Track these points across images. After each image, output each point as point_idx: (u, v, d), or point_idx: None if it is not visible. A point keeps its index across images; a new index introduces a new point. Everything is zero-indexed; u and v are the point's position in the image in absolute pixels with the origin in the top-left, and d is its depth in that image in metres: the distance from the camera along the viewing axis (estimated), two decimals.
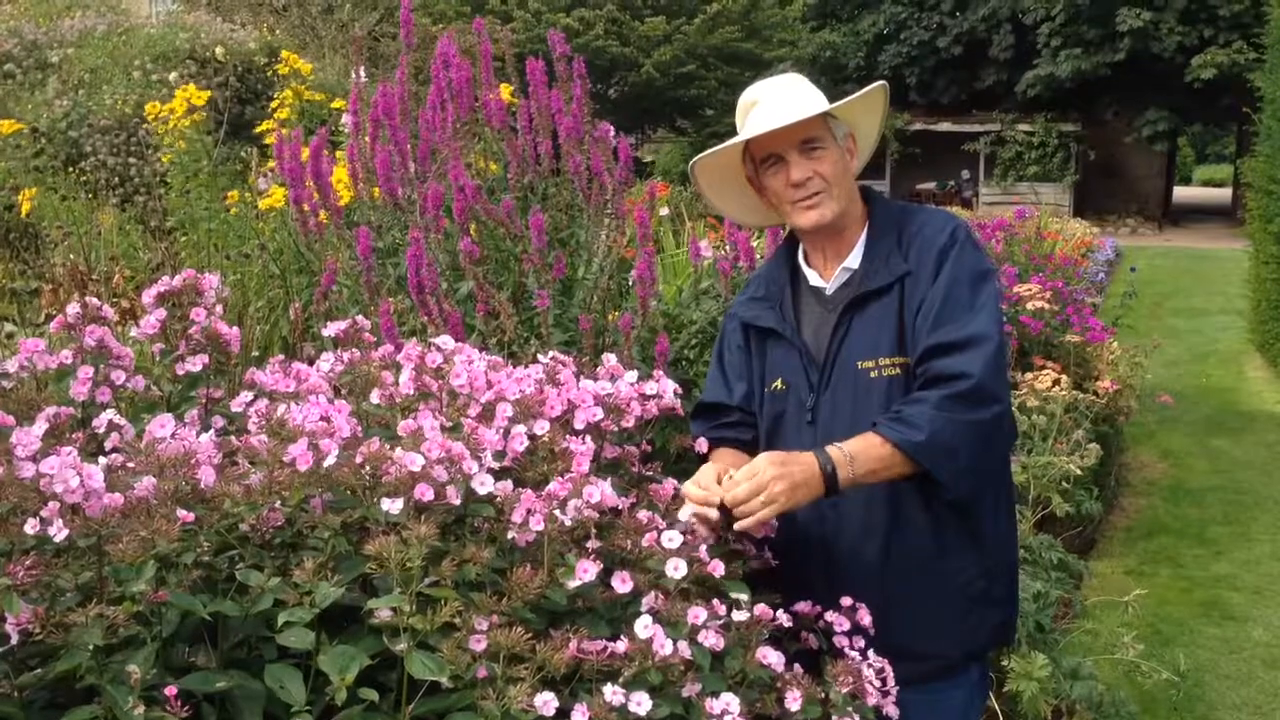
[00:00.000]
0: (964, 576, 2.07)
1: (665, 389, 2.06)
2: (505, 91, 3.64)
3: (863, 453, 1.89)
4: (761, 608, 1.70)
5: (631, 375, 2.03)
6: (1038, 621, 3.55)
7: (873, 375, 2.04)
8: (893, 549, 2.06)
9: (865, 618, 1.90)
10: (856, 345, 2.06)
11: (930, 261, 2.05)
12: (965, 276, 2.02)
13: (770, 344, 2.19)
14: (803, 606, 1.94)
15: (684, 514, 1.87)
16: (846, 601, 1.92)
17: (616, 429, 1.99)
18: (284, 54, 5.76)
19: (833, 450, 1.89)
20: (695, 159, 2.23)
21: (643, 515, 1.74)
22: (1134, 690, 3.96)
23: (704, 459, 2.23)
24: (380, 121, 3.43)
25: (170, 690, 1.35)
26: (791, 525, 2.07)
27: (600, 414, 1.92)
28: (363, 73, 3.94)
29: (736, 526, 1.84)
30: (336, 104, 5.43)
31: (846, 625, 1.89)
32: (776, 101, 2.09)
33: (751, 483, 1.82)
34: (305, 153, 3.47)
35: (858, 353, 2.06)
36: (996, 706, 3.26)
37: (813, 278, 2.18)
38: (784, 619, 1.76)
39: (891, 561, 2.05)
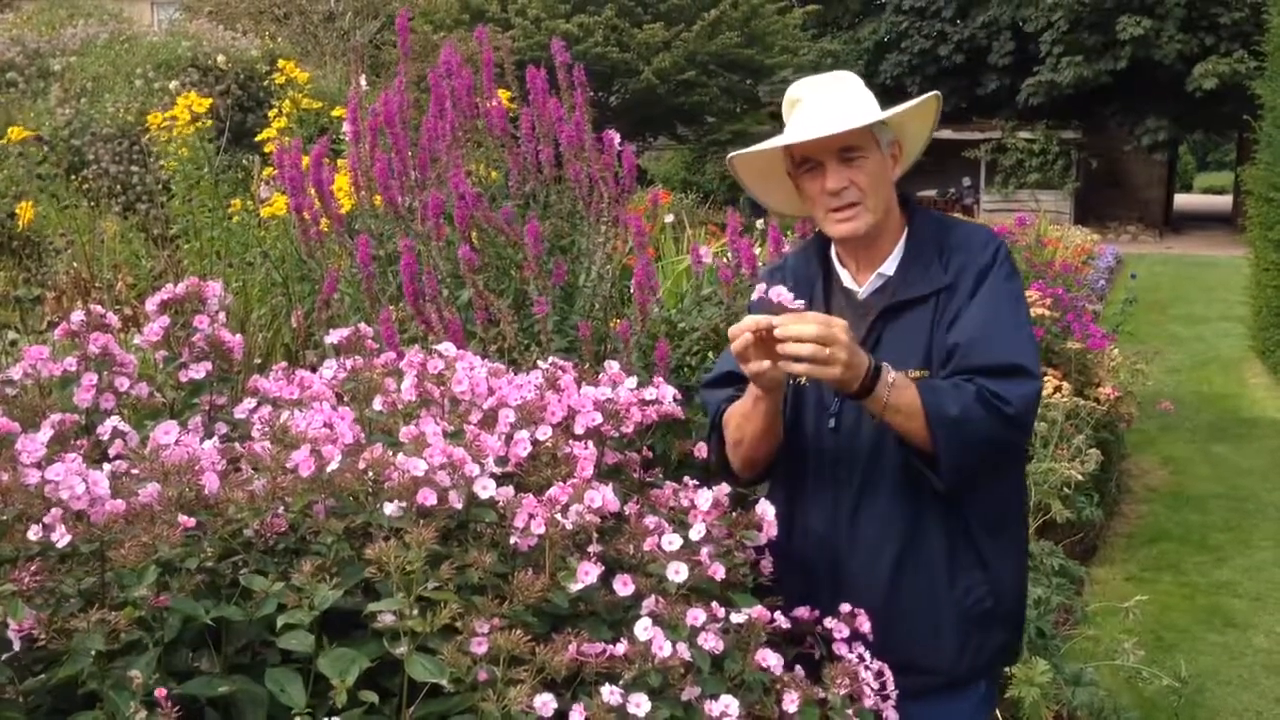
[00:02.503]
0: (972, 596, 2.05)
1: (664, 394, 2.06)
2: (503, 96, 3.65)
3: (903, 388, 1.88)
4: (759, 610, 1.70)
5: (631, 381, 2.04)
6: (1039, 628, 3.55)
7: None
8: (906, 564, 2.03)
9: (864, 624, 1.90)
10: (887, 354, 1.97)
11: (970, 278, 2.01)
12: (1007, 300, 2.00)
13: None
14: (801, 612, 1.94)
15: (774, 293, 1.84)
16: (845, 608, 1.92)
17: (617, 434, 1.99)
18: (280, 63, 5.77)
19: (887, 368, 1.87)
20: (732, 155, 2.19)
21: (650, 521, 1.75)
22: (1135, 696, 3.96)
23: (705, 464, 2.23)
24: (379, 130, 3.44)
25: (160, 692, 1.35)
26: (805, 533, 2.07)
27: (599, 418, 1.92)
28: (363, 81, 3.94)
29: (780, 347, 1.80)
30: (337, 112, 5.44)
31: (846, 632, 1.90)
32: (821, 104, 2.04)
33: (823, 328, 1.79)
34: (305, 161, 3.48)
35: (888, 362, 1.98)
36: (998, 713, 3.26)
37: (845, 278, 2.13)
38: (783, 623, 1.77)
39: (903, 576, 2.03)
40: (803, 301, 1.85)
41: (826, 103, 2.04)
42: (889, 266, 2.09)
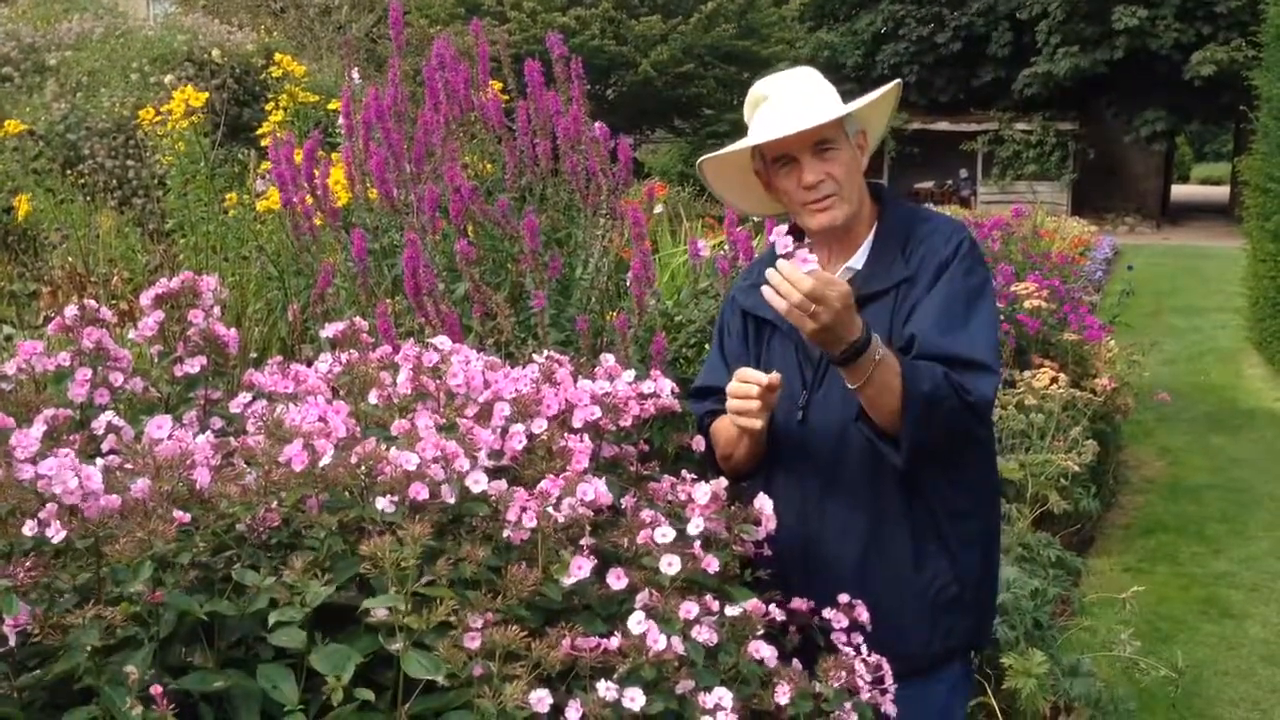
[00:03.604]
0: (938, 583, 2.08)
1: (662, 388, 2.06)
2: (496, 87, 3.65)
3: (889, 365, 1.90)
4: (754, 603, 1.70)
5: (628, 375, 2.04)
6: (1036, 619, 3.55)
7: None
8: (872, 550, 2.07)
9: (863, 614, 1.91)
10: None
11: (930, 271, 2.04)
12: (963, 293, 2.02)
13: (768, 334, 2.18)
14: (799, 604, 1.95)
15: (792, 250, 1.85)
16: (844, 598, 1.93)
17: (615, 428, 1.99)
18: (277, 56, 5.75)
19: (878, 342, 1.89)
20: (703, 158, 2.21)
21: (647, 515, 1.75)
22: (1132, 687, 3.96)
23: (701, 459, 2.24)
24: (372, 124, 3.44)
25: (156, 690, 1.35)
26: (780, 521, 2.08)
27: (598, 413, 1.92)
28: (356, 75, 3.94)
29: (771, 277, 1.84)
30: (333, 105, 5.43)
31: (845, 622, 1.90)
32: (789, 101, 2.06)
33: (818, 286, 1.80)
34: (299, 155, 3.47)
35: None
36: (995, 704, 3.26)
37: None
38: (777, 614, 1.77)
39: (870, 562, 2.06)
40: (816, 258, 1.86)
41: (795, 98, 2.07)
42: (858, 260, 2.12)
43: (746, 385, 1.95)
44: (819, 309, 1.80)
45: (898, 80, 2.19)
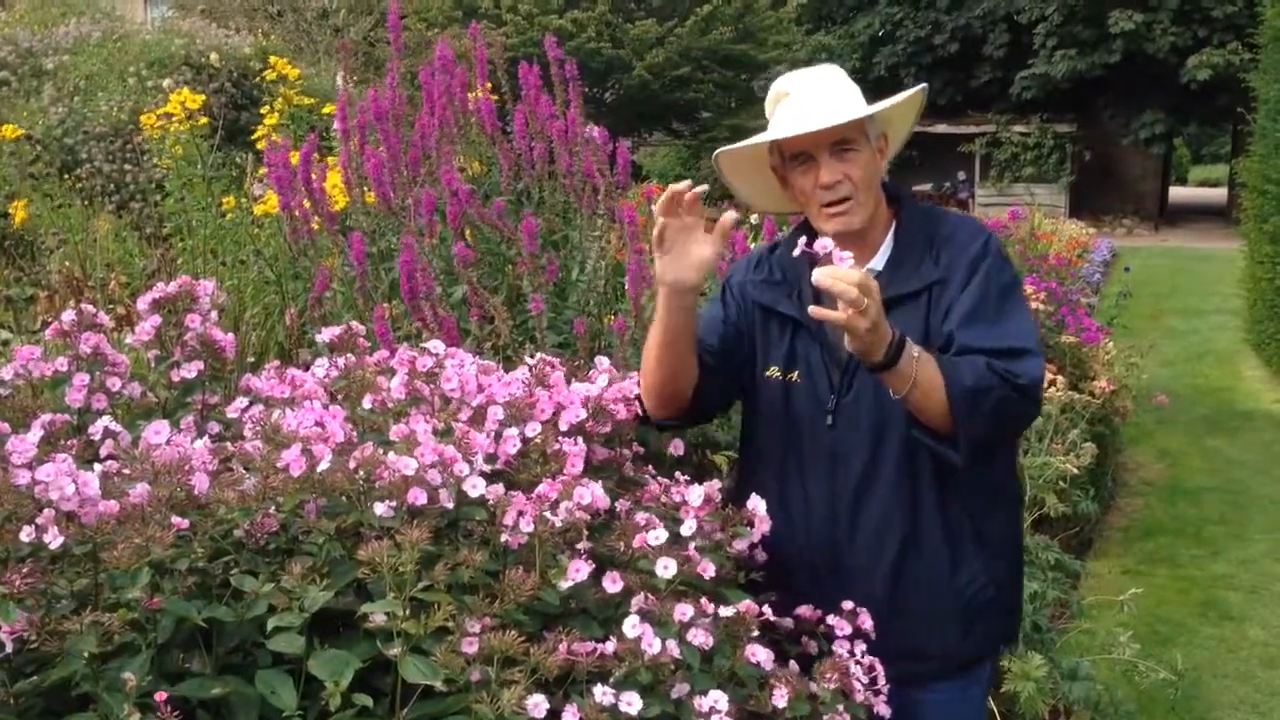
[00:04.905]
0: (974, 585, 2.06)
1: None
2: (489, 88, 3.65)
3: (926, 361, 1.86)
4: (747, 603, 1.70)
5: (603, 379, 2.03)
6: (1035, 622, 3.55)
7: None
8: (909, 554, 2.04)
9: (866, 622, 1.90)
10: None
11: (963, 270, 2.01)
12: (999, 288, 2.00)
13: (789, 331, 2.12)
14: (804, 611, 1.94)
15: (820, 245, 1.82)
16: (848, 605, 1.91)
17: (603, 431, 1.99)
18: (271, 59, 5.75)
19: (910, 342, 1.85)
20: (720, 150, 2.17)
21: (641, 518, 1.74)
22: (1131, 690, 3.96)
23: (700, 461, 2.23)
24: (369, 127, 3.44)
25: (160, 696, 1.35)
26: (807, 527, 2.06)
27: (583, 414, 1.92)
28: (342, 78, 3.94)
29: (819, 282, 1.77)
30: (328, 109, 5.42)
31: (848, 629, 1.89)
32: (812, 98, 2.03)
33: (864, 278, 1.75)
34: (295, 158, 3.47)
35: None
36: (994, 707, 3.26)
37: None
38: (770, 614, 1.76)
39: (906, 566, 2.04)
40: (851, 254, 1.82)
41: (818, 96, 2.03)
42: (878, 261, 2.08)
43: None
44: (869, 302, 1.75)
45: (923, 85, 2.15)
